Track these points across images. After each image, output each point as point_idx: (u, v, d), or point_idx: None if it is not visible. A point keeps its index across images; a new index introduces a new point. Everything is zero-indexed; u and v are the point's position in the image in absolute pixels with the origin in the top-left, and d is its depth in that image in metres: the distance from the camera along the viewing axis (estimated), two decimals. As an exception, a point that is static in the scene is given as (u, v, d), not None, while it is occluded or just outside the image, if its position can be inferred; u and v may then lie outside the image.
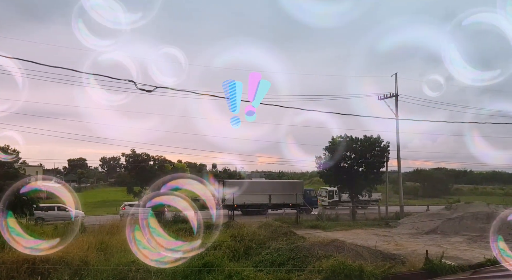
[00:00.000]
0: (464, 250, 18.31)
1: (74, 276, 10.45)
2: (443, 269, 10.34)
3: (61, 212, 28.20)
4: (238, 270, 10.87)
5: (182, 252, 6.74)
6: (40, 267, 10.65)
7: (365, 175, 35.66)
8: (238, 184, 35.29)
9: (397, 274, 10.31)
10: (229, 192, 33.58)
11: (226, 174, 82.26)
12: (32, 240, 7.68)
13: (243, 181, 39.00)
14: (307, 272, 10.98)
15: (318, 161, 37.54)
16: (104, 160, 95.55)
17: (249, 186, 35.53)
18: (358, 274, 9.75)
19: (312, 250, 13.01)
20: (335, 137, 37.58)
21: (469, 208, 27.49)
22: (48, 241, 7.73)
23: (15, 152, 26.88)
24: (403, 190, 36.18)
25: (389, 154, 36.65)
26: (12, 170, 24.18)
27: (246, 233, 16.07)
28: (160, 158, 36.25)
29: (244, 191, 34.21)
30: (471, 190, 69.53)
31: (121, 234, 15.76)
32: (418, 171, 71.23)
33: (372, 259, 12.44)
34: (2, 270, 10.30)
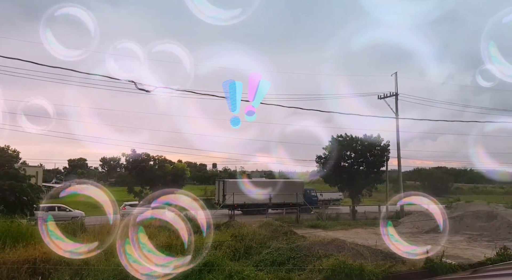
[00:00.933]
0: (464, 249, 18.32)
1: (75, 276, 10.46)
2: (444, 268, 10.35)
3: (61, 212, 28.23)
4: (239, 269, 10.86)
5: (172, 268, 6.80)
6: (41, 267, 10.66)
7: (366, 174, 35.64)
8: (238, 184, 35.29)
9: (397, 273, 10.32)
10: (229, 191, 33.61)
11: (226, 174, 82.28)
12: (72, 243, 7.74)
13: (244, 181, 39.02)
14: (307, 271, 10.99)
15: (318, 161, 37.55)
16: (104, 160, 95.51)
17: (250, 186, 35.53)
18: (359, 273, 9.75)
19: (312, 250, 13.02)
20: (335, 137, 37.58)
21: (469, 207, 27.49)
22: (87, 244, 7.80)
23: (15, 152, 26.86)
24: (403, 189, 36.16)
25: (389, 153, 36.66)
26: (12, 170, 24.15)
27: (246, 232, 16.08)
28: (160, 157, 36.21)
29: (245, 190, 34.24)
30: (471, 189, 69.58)
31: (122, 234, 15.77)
32: (418, 170, 71.39)
33: (372, 258, 12.45)
34: (3, 270, 10.31)
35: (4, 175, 23.14)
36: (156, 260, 6.65)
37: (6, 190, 22.34)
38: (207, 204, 43.46)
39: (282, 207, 33.84)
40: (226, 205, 33.27)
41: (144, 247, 6.60)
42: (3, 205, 22.95)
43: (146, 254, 6.52)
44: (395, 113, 32.66)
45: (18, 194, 23.11)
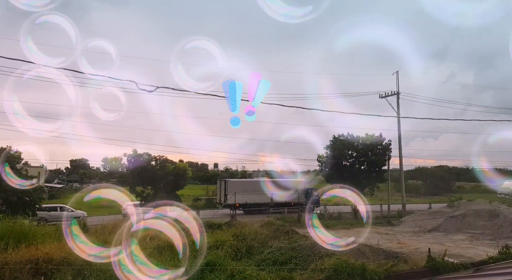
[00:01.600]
0: (466, 247, 18.29)
1: (77, 276, 10.47)
2: (446, 267, 10.33)
3: (64, 212, 28.30)
4: (241, 269, 10.86)
5: None
6: (43, 268, 10.68)
7: (367, 173, 35.61)
8: (240, 183, 35.28)
9: (399, 272, 10.30)
10: (230, 191, 33.63)
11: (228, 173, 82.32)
12: (96, 247, 7.83)
13: (245, 180, 39.05)
14: (309, 270, 10.98)
15: (320, 160, 37.54)
16: (106, 160, 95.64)
17: (251, 185, 35.55)
18: (361, 272, 9.73)
19: (314, 249, 13.02)
20: (336, 136, 37.56)
21: (471, 205, 27.44)
22: (109, 249, 7.89)
23: (17, 152, 26.90)
24: (405, 188, 36.12)
25: (391, 152, 36.62)
26: (15, 171, 24.21)
27: (248, 232, 16.10)
28: (161, 157, 36.25)
29: (246, 190, 34.25)
30: (474, 188, 69.36)
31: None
32: (420, 169, 71.19)
33: (374, 257, 12.45)
34: (5, 271, 10.33)
35: (6, 176, 23.20)
36: (149, 272, 6.73)
37: (8, 190, 22.40)
38: (208, 204, 43.59)
39: (284, 206, 33.83)
40: (228, 205, 33.28)
41: (137, 260, 6.68)
42: (6, 205, 23.02)
43: (139, 266, 6.60)
44: (397, 112, 32.61)
45: (20, 194, 23.17)
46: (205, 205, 41.01)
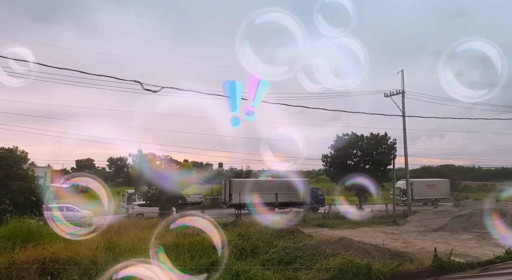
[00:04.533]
0: (473, 247, 18.16)
1: (83, 276, 10.54)
2: (452, 267, 10.27)
3: (70, 212, 28.46)
4: (246, 268, 10.88)
5: None
6: (50, 267, 10.76)
7: (372, 172, 35.46)
8: (244, 183, 35.29)
9: (405, 272, 10.25)
10: (235, 191, 33.65)
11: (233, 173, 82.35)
12: (182, 274, 8.08)
13: (250, 180, 39.06)
14: (314, 270, 10.97)
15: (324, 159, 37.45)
16: (112, 160, 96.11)
17: (256, 185, 35.53)
18: (366, 272, 9.70)
19: (319, 249, 13.01)
20: (341, 135, 37.44)
21: (478, 205, 27.23)
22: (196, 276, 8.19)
23: (23, 153, 27.09)
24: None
25: (396, 151, 36.44)
26: (21, 171, 24.40)
27: (253, 231, 16.11)
28: (166, 157, 36.34)
29: (251, 190, 34.22)
30: (480, 187, 68.83)
31: (130, 234, 15.89)
32: (425, 168, 70.66)
33: (380, 257, 12.40)
34: (12, 270, 10.43)
35: (13, 176, 23.39)
36: (173, 277, 6.85)
37: (15, 190, 22.59)
38: (213, 203, 43.62)
39: (289, 206, 33.76)
40: (232, 204, 33.32)
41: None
42: (13, 205, 23.20)
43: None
44: (402, 111, 32.43)
45: (27, 194, 23.34)
46: (210, 204, 41.09)
